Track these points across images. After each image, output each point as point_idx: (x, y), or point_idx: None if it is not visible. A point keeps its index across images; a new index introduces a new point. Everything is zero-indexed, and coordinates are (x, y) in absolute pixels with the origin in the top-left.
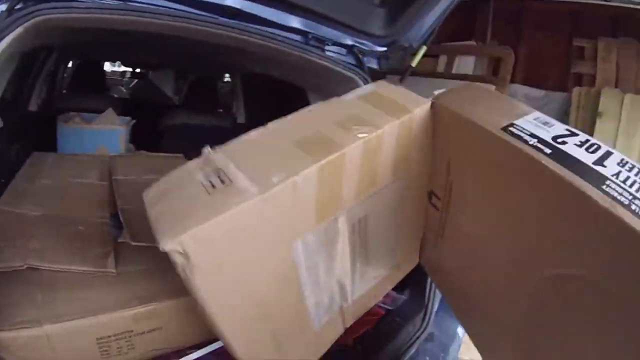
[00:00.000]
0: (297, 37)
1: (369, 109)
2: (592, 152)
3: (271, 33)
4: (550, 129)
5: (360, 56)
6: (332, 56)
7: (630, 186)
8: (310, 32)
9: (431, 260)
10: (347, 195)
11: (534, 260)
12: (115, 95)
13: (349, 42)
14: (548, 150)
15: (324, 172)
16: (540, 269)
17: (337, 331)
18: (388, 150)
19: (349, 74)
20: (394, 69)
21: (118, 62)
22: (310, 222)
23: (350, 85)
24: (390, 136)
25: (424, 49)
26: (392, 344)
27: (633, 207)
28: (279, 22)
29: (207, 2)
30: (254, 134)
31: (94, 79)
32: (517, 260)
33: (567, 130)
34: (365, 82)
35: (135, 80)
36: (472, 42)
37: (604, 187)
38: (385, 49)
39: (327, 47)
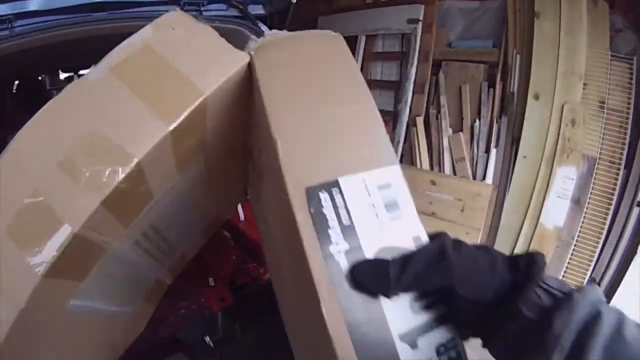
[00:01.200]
0: (172, 7)
1: (122, 104)
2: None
3: (142, 12)
4: (391, 224)
5: (240, 6)
6: (210, 15)
7: None
8: None
9: (253, 198)
10: (114, 233)
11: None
12: None
13: None
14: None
15: (57, 266)
16: None
17: (158, 295)
18: (155, 170)
19: (231, 26)
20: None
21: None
22: (71, 288)
23: (238, 38)
24: (156, 157)
25: None
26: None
27: None
28: None
29: (73, 5)
30: None
31: (33, 95)
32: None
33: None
34: (254, 29)
35: None
36: None
37: None
38: None
39: (204, 8)
